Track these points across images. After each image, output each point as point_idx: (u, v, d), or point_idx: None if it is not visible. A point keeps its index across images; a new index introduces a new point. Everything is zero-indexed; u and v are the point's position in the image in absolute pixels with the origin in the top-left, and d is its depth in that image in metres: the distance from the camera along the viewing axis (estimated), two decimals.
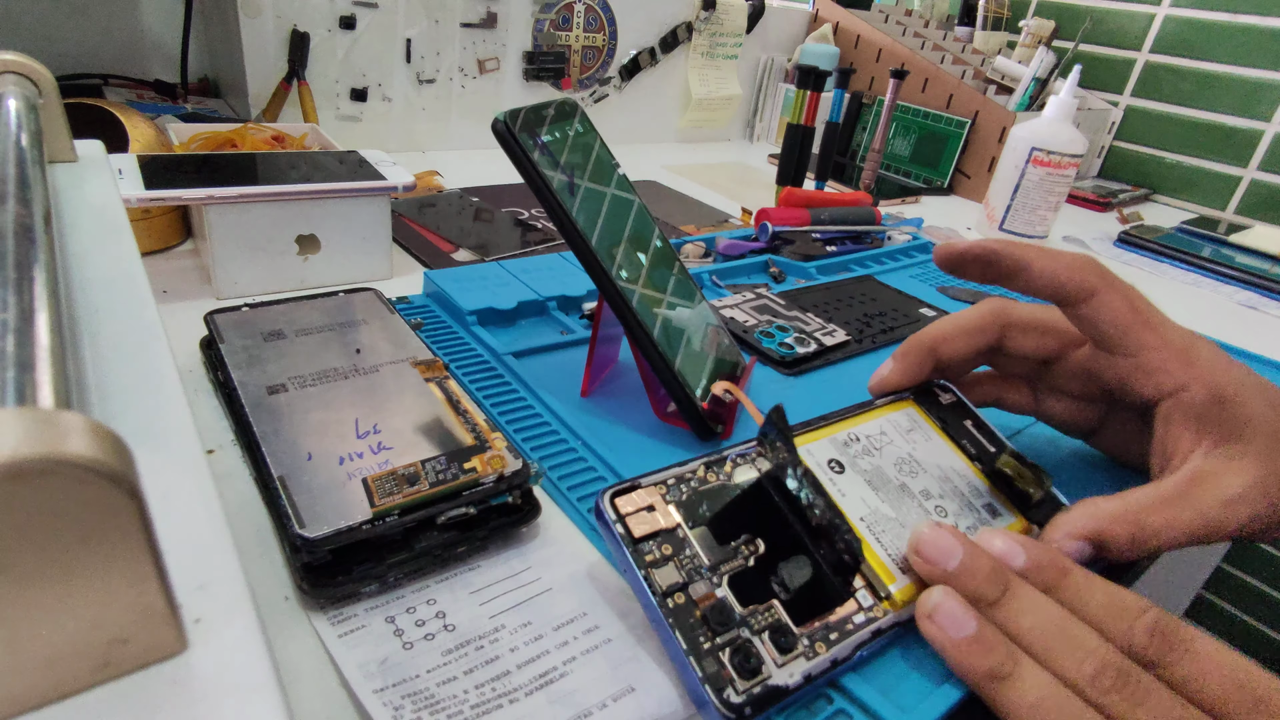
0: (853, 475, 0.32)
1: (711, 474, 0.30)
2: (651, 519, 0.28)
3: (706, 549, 0.27)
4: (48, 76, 0.32)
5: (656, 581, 0.26)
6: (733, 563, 0.27)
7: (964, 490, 0.33)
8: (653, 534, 0.27)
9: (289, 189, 0.46)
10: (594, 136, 0.39)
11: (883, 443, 0.34)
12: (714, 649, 0.25)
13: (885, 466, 0.33)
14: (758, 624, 0.26)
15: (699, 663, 0.24)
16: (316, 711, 0.24)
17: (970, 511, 0.32)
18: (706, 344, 0.40)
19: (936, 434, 0.35)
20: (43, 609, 0.12)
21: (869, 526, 0.30)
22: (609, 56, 0.96)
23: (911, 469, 0.33)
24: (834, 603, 0.27)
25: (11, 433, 0.11)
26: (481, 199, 0.73)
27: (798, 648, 0.26)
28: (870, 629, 0.27)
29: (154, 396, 0.19)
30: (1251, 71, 1.00)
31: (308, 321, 0.38)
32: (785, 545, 0.28)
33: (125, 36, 0.81)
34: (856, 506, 0.31)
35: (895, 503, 0.31)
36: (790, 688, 0.25)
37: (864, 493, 0.31)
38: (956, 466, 0.34)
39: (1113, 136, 1.15)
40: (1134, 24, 1.09)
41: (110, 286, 0.24)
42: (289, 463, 0.28)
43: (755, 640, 0.25)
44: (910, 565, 0.29)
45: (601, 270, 0.35)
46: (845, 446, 0.33)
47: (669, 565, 0.26)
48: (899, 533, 0.30)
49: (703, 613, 0.25)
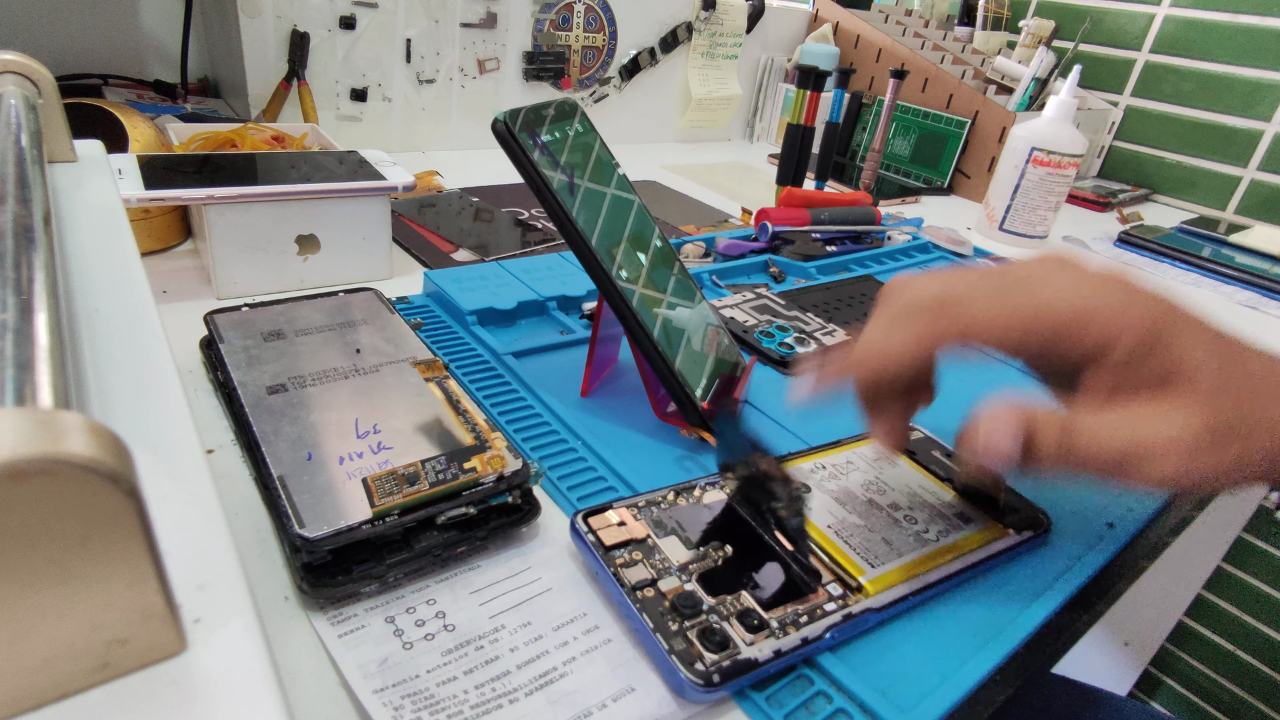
0: (820, 494, 0.33)
1: (681, 499, 0.32)
2: (622, 531, 0.29)
3: (675, 553, 0.29)
4: (48, 76, 0.32)
5: (626, 578, 0.27)
6: (702, 563, 0.28)
7: (933, 503, 0.34)
8: (623, 543, 0.29)
9: (289, 189, 0.46)
10: (594, 136, 0.39)
11: (849, 469, 0.35)
12: (682, 630, 0.26)
13: (853, 488, 0.34)
14: (727, 610, 0.27)
15: (667, 640, 0.25)
16: (316, 711, 0.23)
17: (940, 519, 0.33)
18: (706, 344, 0.40)
19: (904, 462, 0.37)
20: (42, 609, 0.12)
21: (836, 532, 0.31)
22: (609, 56, 0.96)
23: (880, 489, 0.34)
24: (804, 594, 0.28)
25: (10, 432, 0.11)
26: (481, 199, 0.73)
27: (767, 628, 0.26)
28: (841, 613, 0.27)
29: (154, 396, 0.19)
30: (1251, 71, 1.00)
31: (308, 321, 0.38)
32: (754, 554, 0.29)
33: (125, 36, 0.81)
34: (823, 518, 0.32)
35: (863, 514, 0.32)
36: (760, 660, 0.25)
37: (831, 507, 0.33)
38: (925, 485, 0.35)
39: (1113, 136, 1.15)
40: (1134, 24, 1.09)
41: (110, 286, 0.24)
42: (289, 463, 0.28)
43: (725, 624, 0.26)
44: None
45: (601, 270, 0.35)
46: (811, 473, 0.35)
47: (638, 565, 0.28)
48: (867, 536, 0.31)
49: (671, 601, 0.26)
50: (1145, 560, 0.36)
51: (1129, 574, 0.35)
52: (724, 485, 0.33)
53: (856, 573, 0.29)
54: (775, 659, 0.25)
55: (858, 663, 0.27)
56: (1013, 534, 0.33)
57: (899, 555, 0.30)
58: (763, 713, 0.25)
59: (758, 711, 0.25)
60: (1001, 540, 0.32)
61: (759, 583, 0.28)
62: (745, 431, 0.30)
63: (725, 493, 0.32)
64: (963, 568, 0.31)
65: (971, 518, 0.33)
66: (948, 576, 0.30)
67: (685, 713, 0.25)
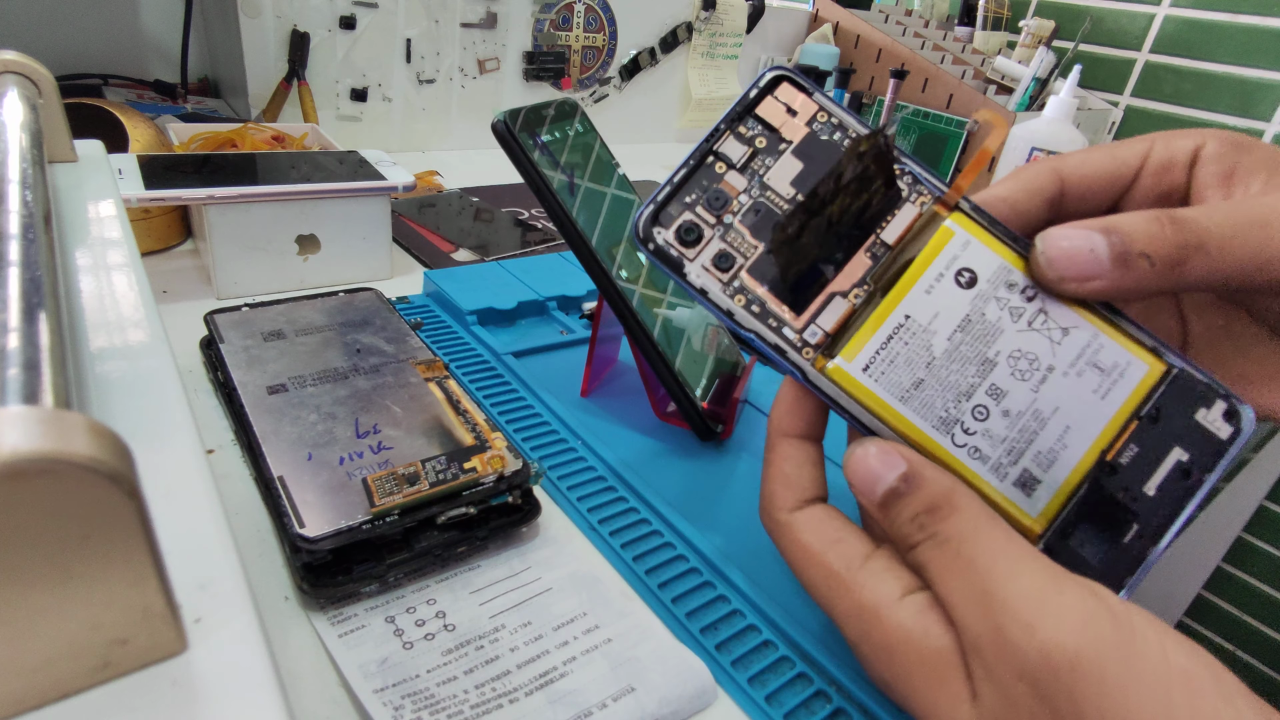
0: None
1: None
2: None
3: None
4: (48, 76, 0.32)
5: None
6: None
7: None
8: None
9: (289, 189, 0.46)
10: (594, 136, 0.39)
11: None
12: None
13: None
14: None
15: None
16: (316, 711, 0.23)
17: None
18: (706, 344, 0.40)
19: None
20: (42, 609, 0.12)
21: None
22: (609, 56, 0.96)
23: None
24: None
25: (11, 432, 0.11)
26: (481, 199, 0.73)
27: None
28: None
29: (154, 396, 0.19)
30: (1251, 71, 1.00)
31: (308, 321, 0.38)
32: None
33: (125, 36, 0.81)
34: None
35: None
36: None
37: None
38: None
39: (1113, 136, 1.15)
40: (1134, 24, 1.09)
41: (110, 286, 0.24)
42: (289, 463, 0.28)
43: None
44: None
45: (601, 270, 0.35)
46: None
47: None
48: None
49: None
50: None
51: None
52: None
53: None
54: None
55: (858, 662, 0.27)
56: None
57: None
58: (763, 712, 0.25)
59: (758, 711, 0.25)
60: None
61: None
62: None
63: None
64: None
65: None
66: None
67: (685, 712, 0.25)
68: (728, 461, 0.38)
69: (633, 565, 0.30)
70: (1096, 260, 0.22)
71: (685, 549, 0.31)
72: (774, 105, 0.25)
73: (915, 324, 0.23)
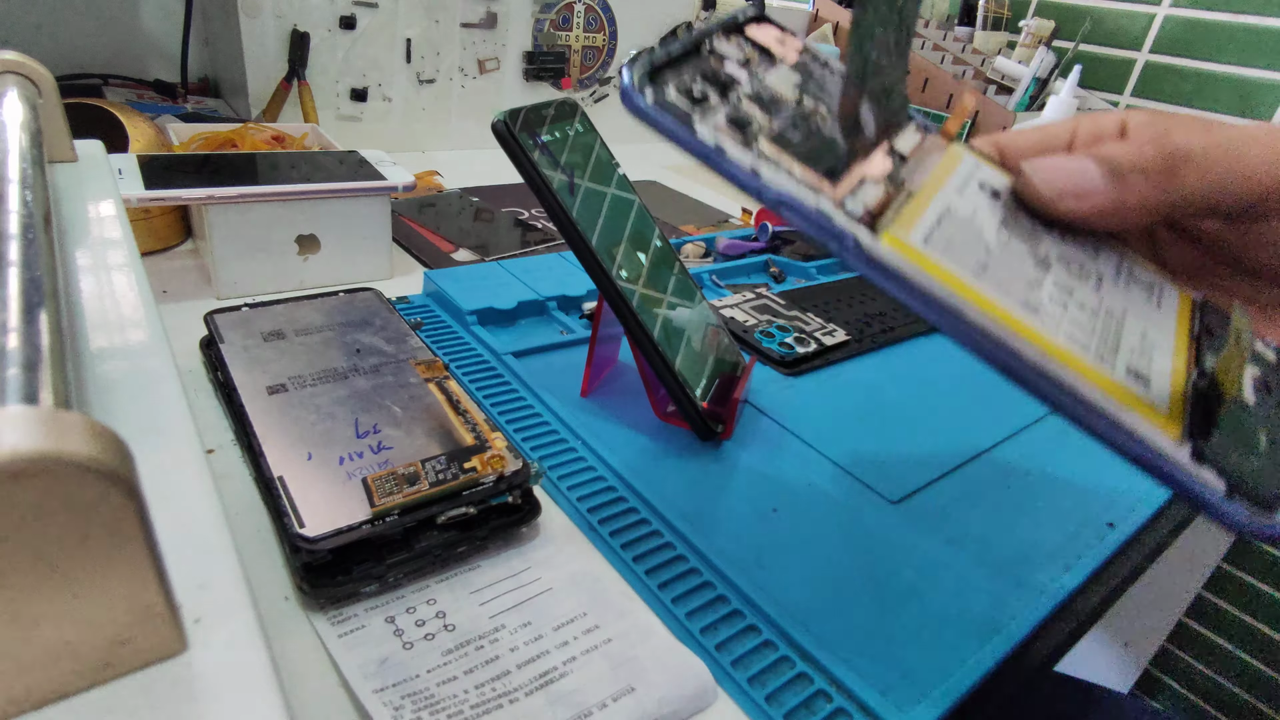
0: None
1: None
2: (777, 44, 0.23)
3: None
4: (47, 76, 0.32)
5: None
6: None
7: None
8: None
9: (289, 189, 0.46)
10: (594, 136, 0.39)
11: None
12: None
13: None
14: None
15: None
16: (316, 711, 0.23)
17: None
18: (706, 344, 0.40)
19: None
20: (42, 609, 0.12)
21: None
22: (609, 56, 0.96)
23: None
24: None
25: (11, 432, 0.11)
26: (481, 199, 0.73)
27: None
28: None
29: (154, 396, 0.19)
30: (1251, 71, 1.00)
31: (308, 321, 0.38)
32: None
33: (125, 36, 0.81)
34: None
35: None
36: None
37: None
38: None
39: None
40: (1134, 24, 1.09)
41: (110, 286, 0.24)
42: (289, 463, 0.28)
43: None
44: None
45: (601, 270, 0.35)
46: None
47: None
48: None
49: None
50: (1145, 560, 0.36)
51: (1129, 574, 0.35)
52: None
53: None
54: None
55: (858, 662, 0.27)
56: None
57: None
58: (763, 712, 0.25)
59: (758, 711, 0.25)
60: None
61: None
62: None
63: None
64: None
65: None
66: None
67: (685, 712, 0.25)
68: (728, 461, 0.38)
69: (633, 565, 0.30)
70: (1090, 177, 0.22)
71: (685, 549, 0.31)
72: (764, 30, 0.23)
73: (958, 216, 0.21)
